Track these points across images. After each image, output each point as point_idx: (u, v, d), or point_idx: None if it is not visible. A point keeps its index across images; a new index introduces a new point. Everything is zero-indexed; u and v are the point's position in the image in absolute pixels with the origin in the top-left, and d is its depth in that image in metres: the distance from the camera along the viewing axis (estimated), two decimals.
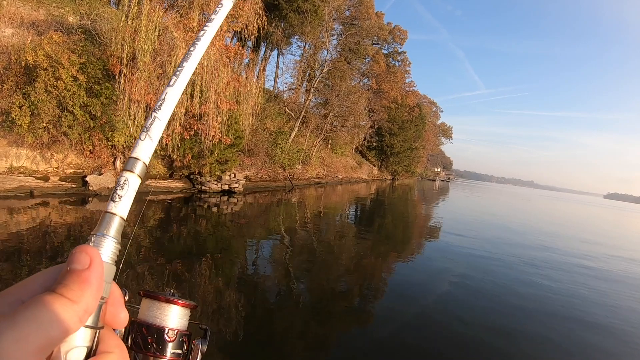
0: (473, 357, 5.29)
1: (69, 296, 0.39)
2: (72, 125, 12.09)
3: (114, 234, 0.47)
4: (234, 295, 6.42)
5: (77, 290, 0.39)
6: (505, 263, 11.13)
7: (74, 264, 0.41)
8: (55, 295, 0.38)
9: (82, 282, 0.40)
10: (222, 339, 4.87)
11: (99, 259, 0.43)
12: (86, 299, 0.40)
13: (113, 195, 0.49)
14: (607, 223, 40.06)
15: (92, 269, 0.42)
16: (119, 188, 0.50)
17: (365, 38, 40.98)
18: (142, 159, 0.53)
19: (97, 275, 0.42)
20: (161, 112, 0.55)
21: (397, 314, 6.53)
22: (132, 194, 0.51)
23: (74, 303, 0.39)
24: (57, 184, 12.47)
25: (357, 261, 10.11)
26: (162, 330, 0.55)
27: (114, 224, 0.48)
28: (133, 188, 0.51)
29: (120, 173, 0.52)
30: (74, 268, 0.41)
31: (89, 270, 0.41)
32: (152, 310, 0.56)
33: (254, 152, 22.52)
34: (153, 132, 0.54)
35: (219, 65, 13.38)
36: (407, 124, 55.74)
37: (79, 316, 0.39)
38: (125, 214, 0.50)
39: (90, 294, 0.40)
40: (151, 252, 8.13)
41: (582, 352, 5.86)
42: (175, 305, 0.57)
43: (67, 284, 0.40)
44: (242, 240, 10.90)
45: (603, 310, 7.98)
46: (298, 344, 5.20)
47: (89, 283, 0.41)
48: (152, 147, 0.54)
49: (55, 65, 11.41)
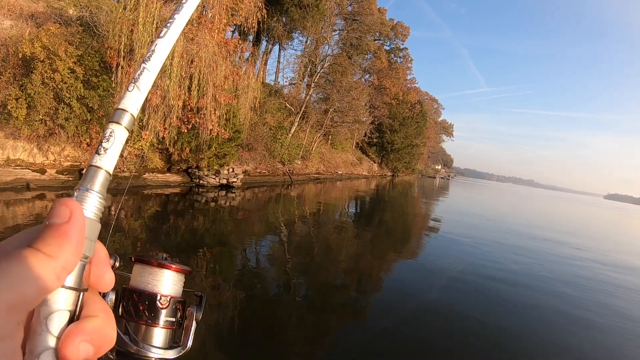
0: (469, 352, 5.29)
1: (46, 251, 0.35)
2: (69, 117, 12.01)
3: (98, 189, 0.43)
4: (232, 289, 6.43)
5: (55, 245, 0.35)
6: (504, 262, 11.10)
7: (52, 217, 0.37)
8: (31, 250, 0.35)
9: (60, 236, 0.36)
10: (220, 331, 4.88)
11: (80, 212, 0.39)
12: (65, 254, 0.36)
13: (98, 148, 0.45)
14: (610, 224, 40.01)
15: (71, 222, 0.37)
16: (104, 140, 0.46)
17: (367, 34, 40.80)
18: (130, 110, 0.49)
19: (78, 229, 0.37)
20: (150, 63, 0.51)
21: (395, 308, 6.54)
22: (119, 146, 0.46)
23: (50, 258, 0.35)
24: (53, 177, 12.40)
25: (356, 256, 10.11)
26: (154, 296, 0.53)
27: (98, 177, 0.44)
28: (120, 141, 0.47)
29: (106, 125, 0.47)
30: (52, 222, 0.37)
31: (68, 223, 0.37)
32: (143, 276, 0.54)
33: (253, 147, 22.43)
34: (142, 83, 0.50)
35: (217, 58, 13.29)
36: (408, 120, 55.58)
37: (56, 272, 0.35)
38: (111, 168, 0.45)
39: (69, 248, 0.36)
40: (147, 245, 8.12)
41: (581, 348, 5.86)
42: (168, 270, 0.54)
43: (44, 239, 0.36)
44: (240, 235, 10.88)
45: (599, 305, 7.99)
46: (296, 336, 5.21)
47: (67, 237, 0.36)
48: (140, 99, 0.50)
49: (52, 57, 11.32)
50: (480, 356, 5.23)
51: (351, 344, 5.10)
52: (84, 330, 0.37)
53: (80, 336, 0.36)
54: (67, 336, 0.36)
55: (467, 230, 16.40)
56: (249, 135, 21.25)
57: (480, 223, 19.49)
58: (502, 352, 5.41)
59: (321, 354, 4.87)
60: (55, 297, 0.37)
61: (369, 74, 51.25)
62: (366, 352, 4.92)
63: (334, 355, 4.82)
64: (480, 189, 74.93)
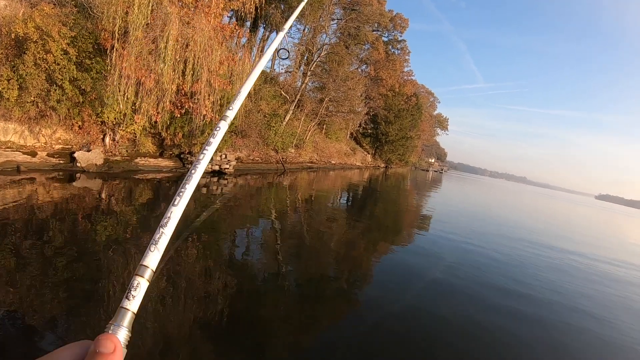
0: (459, 346, 5.37)
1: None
2: (60, 99, 11.89)
3: (127, 325, 0.62)
4: (221, 277, 6.40)
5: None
6: (495, 256, 11.24)
7: (102, 348, 0.55)
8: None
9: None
10: (207, 319, 4.87)
11: (120, 347, 0.58)
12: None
13: (128, 295, 0.64)
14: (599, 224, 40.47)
15: (115, 353, 0.56)
16: (132, 289, 0.65)
17: (365, 24, 40.53)
18: (150, 266, 0.68)
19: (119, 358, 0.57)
20: (167, 228, 0.70)
21: (385, 301, 6.58)
22: (142, 294, 0.66)
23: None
24: (44, 160, 12.29)
25: (347, 247, 10.12)
26: None
27: (127, 317, 0.63)
28: (143, 290, 0.66)
29: (133, 276, 0.66)
30: (102, 351, 0.55)
31: (114, 354, 0.56)
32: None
33: (246, 134, 22.36)
34: (160, 244, 0.69)
35: (213, 43, 13.17)
36: (404, 112, 55.56)
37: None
38: (136, 309, 0.64)
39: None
40: (138, 231, 8.08)
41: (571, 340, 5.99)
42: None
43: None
44: (231, 222, 10.84)
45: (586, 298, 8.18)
46: (284, 326, 5.20)
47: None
48: (158, 257, 0.69)
49: (45, 38, 11.15)
50: (467, 351, 5.29)
51: (338, 335, 5.11)
52: None
53: None
54: None
55: (459, 224, 16.54)
56: (242, 122, 21.15)
57: (473, 221, 19.63)
58: (487, 347, 5.50)
59: (307, 345, 4.87)
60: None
61: (366, 64, 51.04)
62: (353, 345, 4.93)
63: (321, 347, 4.82)
64: (473, 184, 75.22)
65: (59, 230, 7.22)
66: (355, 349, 4.85)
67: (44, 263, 5.56)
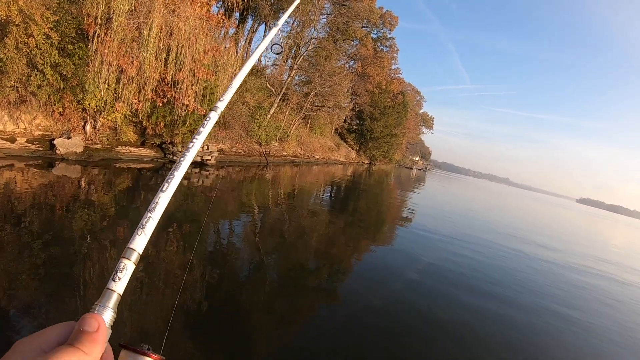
0: (438, 340, 5.48)
1: (85, 350, 0.55)
2: (41, 85, 11.62)
3: (112, 306, 0.64)
4: (200, 269, 6.31)
5: (90, 346, 0.55)
6: (476, 254, 11.43)
7: (86, 326, 0.57)
8: (75, 349, 0.54)
9: (93, 340, 0.56)
10: (187, 313, 4.82)
11: (104, 325, 0.60)
12: (95, 353, 0.56)
13: (114, 276, 0.66)
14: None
15: (99, 331, 0.58)
16: (119, 271, 0.66)
17: (355, 20, 40.42)
18: (137, 249, 0.69)
19: (103, 337, 0.59)
20: (154, 212, 0.72)
21: (365, 295, 6.65)
22: (129, 276, 0.67)
23: (87, 355, 0.54)
24: (23, 146, 12.01)
25: (328, 242, 10.14)
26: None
27: (113, 298, 0.64)
28: (129, 272, 0.67)
29: (120, 259, 0.68)
30: (86, 330, 0.57)
31: (98, 332, 0.58)
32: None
33: (230, 125, 22.17)
34: (147, 228, 0.71)
35: (197, 32, 13.01)
36: (389, 110, 55.76)
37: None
38: (122, 291, 0.66)
39: (98, 349, 0.56)
40: (116, 221, 7.96)
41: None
42: (148, 358, 0.66)
43: (82, 341, 0.55)
44: (212, 214, 10.70)
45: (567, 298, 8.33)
46: (264, 319, 5.19)
47: (97, 341, 0.57)
48: (145, 240, 0.70)
49: (28, 21, 10.87)
50: (446, 347, 5.37)
51: (319, 329, 5.14)
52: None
53: None
54: None
55: (440, 221, 16.71)
56: (226, 114, 20.98)
57: (460, 216, 19.82)
58: (467, 343, 5.61)
59: (288, 339, 4.86)
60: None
61: (354, 60, 51.02)
62: (334, 338, 4.94)
63: (301, 340, 4.83)
64: (457, 184, 75.91)
65: (36, 218, 7.10)
66: (337, 342, 4.87)
67: (20, 249, 5.49)
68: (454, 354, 5.23)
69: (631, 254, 23.27)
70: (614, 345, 6.77)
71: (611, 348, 6.63)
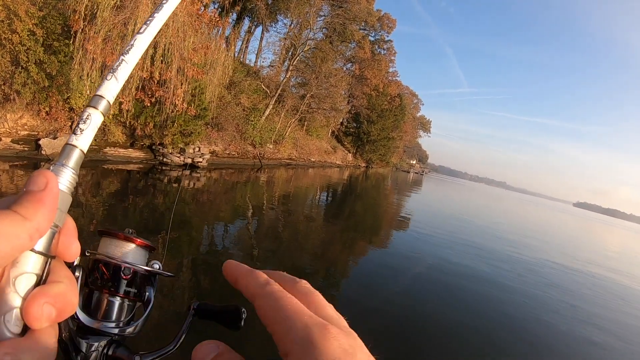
0: (435, 343, 5.51)
1: (22, 213, 0.38)
2: (25, 83, 11.18)
3: (72, 165, 0.47)
4: (191, 275, 6.16)
5: (30, 209, 0.39)
6: (471, 259, 11.20)
7: (30, 185, 0.41)
8: (8, 211, 0.38)
9: (36, 201, 0.40)
10: (177, 320, 4.47)
11: (55, 183, 0.43)
12: (38, 218, 0.39)
13: (75, 129, 0.49)
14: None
15: (47, 190, 0.41)
16: (81, 122, 0.50)
17: (352, 22, 40.14)
18: (107, 97, 0.53)
19: (52, 197, 0.42)
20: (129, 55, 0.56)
21: (362, 299, 6.57)
22: (94, 129, 0.50)
23: (25, 220, 0.38)
24: (8, 146, 11.63)
25: (324, 246, 10.07)
26: (118, 267, 0.57)
27: (73, 155, 0.48)
28: (95, 124, 0.51)
29: (84, 108, 0.51)
30: (29, 189, 0.41)
31: (44, 191, 0.41)
32: (109, 248, 0.58)
33: (223, 127, 21.61)
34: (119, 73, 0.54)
35: (187, 28, 12.51)
36: (387, 113, 55.52)
37: (29, 233, 0.39)
38: (86, 147, 0.49)
39: (43, 213, 0.40)
40: (104, 224, 7.55)
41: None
42: (132, 244, 0.58)
43: (21, 202, 0.40)
44: (203, 217, 10.52)
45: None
46: (259, 326, 4.77)
47: (42, 202, 0.40)
48: (117, 88, 0.54)
49: (12, 17, 10.44)
50: (443, 349, 5.36)
51: None
52: (49, 294, 0.40)
53: (45, 298, 0.39)
54: (32, 297, 0.39)
55: (437, 225, 16.32)
56: (219, 115, 20.51)
57: (456, 222, 19.45)
58: (465, 345, 5.59)
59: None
60: (25, 259, 0.40)
61: (352, 63, 50.78)
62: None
63: None
64: (454, 188, 75.97)
65: None
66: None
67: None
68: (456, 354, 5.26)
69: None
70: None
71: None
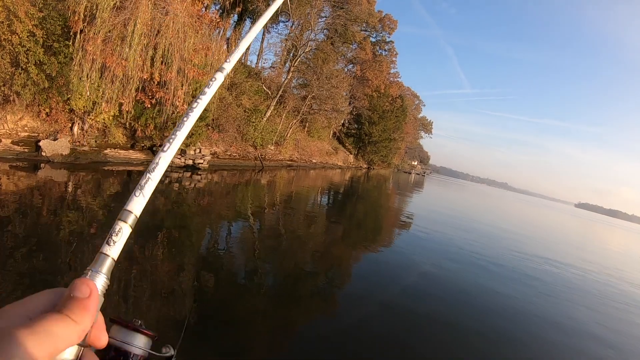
0: (436, 347, 5.43)
1: (73, 317, 0.48)
2: (25, 84, 11.11)
3: (105, 271, 0.57)
4: (192, 276, 6.09)
5: (79, 314, 0.49)
6: (475, 261, 11.11)
7: (76, 292, 0.51)
8: (63, 316, 0.48)
9: (83, 308, 0.50)
10: (180, 320, 4.64)
11: (96, 292, 0.53)
12: (85, 322, 0.50)
13: (108, 240, 0.59)
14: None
15: (91, 298, 0.51)
16: (114, 234, 0.60)
17: (353, 23, 40.11)
18: (134, 212, 0.63)
19: (95, 304, 0.52)
20: (154, 173, 0.66)
21: (364, 302, 6.51)
22: (124, 240, 0.60)
23: (76, 324, 0.48)
24: (8, 147, 11.55)
25: (326, 248, 10.00)
26: (128, 354, 0.63)
27: (107, 263, 0.57)
28: (125, 236, 0.61)
29: (116, 221, 0.61)
30: (76, 296, 0.51)
31: (89, 299, 0.51)
32: (120, 336, 0.64)
33: (224, 128, 21.54)
34: (146, 190, 0.65)
35: (187, 29, 12.43)
36: (388, 114, 55.46)
37: (78, 334, 0.49)
38: (117, 256, 0.59)
39: (88, 317, 0.50)
40: (104, 226, 7.50)
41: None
42: (140, 334, 0.64)
43: (72, 308, 0.49)
44: (204, 219, 10.47)
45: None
46: (261, 327, 5.04)
47: (87, 309, 0.50)
48: (143, 203, 0.65)
49: (12, 18, 10.38)
50: (445, 352, 5.32)
51: (318, 335, 5.07)
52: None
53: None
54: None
55: (439, 227, 16.21)
56: (220, 116, 20.45)
57: (459, 223, 19.34)
58: (466, 348, 5.53)
59: (285, 345, 4.75)
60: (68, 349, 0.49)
61: (353, 64, 50.72)
62: (331, 345, 4.89)
63: (299, 347, 4.75)
64: (457, 189, 75.65)
65: (19, 221, 6.77)
66: (335, 349, 4.84)
67: (2, 254, 5.23)
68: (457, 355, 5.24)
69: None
70: None
71: None
